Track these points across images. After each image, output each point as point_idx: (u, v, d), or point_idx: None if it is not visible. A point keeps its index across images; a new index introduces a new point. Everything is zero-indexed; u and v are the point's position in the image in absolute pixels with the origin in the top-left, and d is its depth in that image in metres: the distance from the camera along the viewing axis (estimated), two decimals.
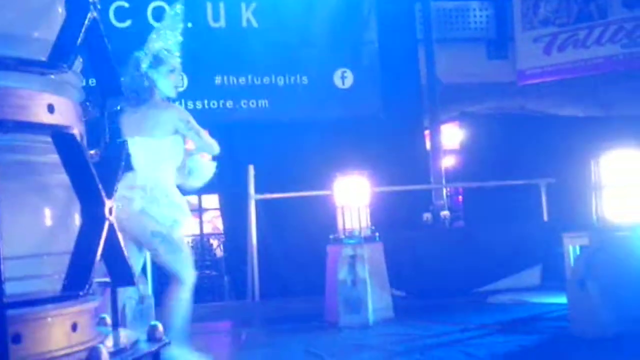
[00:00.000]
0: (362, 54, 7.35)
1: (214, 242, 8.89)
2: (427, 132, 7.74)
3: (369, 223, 5.34)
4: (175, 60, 3.41)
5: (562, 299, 4.33)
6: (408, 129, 7.32)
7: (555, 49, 8.00)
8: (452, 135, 8.70)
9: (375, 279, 5.08)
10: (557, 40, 8.01)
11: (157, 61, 3.33)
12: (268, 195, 6.32)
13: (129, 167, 3.10)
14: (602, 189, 4.22)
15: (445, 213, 6.79)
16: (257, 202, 6.34)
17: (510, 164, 7.22)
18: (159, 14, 6.83)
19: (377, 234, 5.28)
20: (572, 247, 4.63)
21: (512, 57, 8.37)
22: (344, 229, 5.32)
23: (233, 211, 6.89)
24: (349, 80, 7.23)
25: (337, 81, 7.22)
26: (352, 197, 5.37)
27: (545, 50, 8.07)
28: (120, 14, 6.73)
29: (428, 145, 7.69)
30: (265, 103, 7.03)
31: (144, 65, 3.32)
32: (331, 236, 5.29)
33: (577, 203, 4.61)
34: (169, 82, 3.40)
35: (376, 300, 5.00)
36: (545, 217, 6.33)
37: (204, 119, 6.93)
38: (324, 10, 7.30)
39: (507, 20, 8.44)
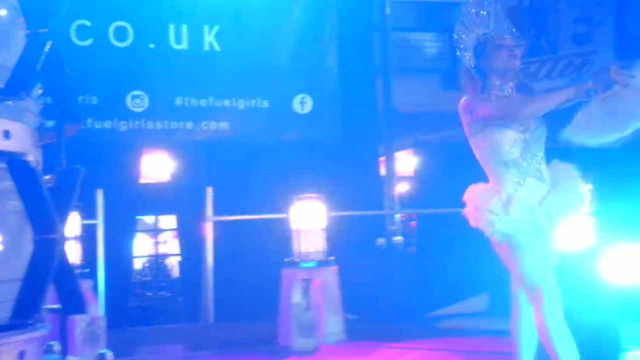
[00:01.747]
0: (322, 80, 7.48)
1: (169, 263, 8.82)
2: (382, 158, 7.88)
3: (325, 247, 5.42)
4: None
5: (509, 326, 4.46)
6: (364, 155, 7.46)
7: None
8: (406, 163, 8.88)
9: (329, 302, 5.14)
10: None
11: None
12: (226, 217, 6.35)
13: None
14: None
15: (398, 238, 6.93)
16: (215, 223, 6.36)
17: (461, 191, 7.38)
18: (121, 34, 6.88)
19: (332, 257, 5.35)
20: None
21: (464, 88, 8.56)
22: (300, 252, 5.39)
23: (190, 232, 6.90)
24: (308, 105, 7.35)
25: (297, 106, 7.33)
26: (309, 220, 5.44)
27: None
28: (82, 32, 6.74)
29: (383, 171, 7.83)
30: (225, 125, 7.09)
31: None
32: (286, 259, 5.36)
33: None
34: None
35: (330, 324, 5.07)
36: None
37: (163, 139, 7.03)
38: (286, 36, 7.43)
39: None
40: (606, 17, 7.83)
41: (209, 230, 6.31)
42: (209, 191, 6.34)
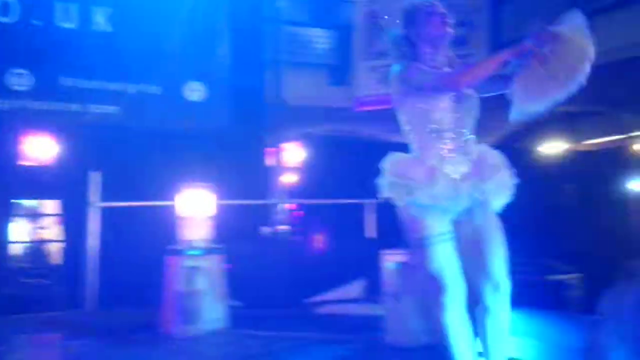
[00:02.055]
0: (214, 69, 7.54)
1: (51, 249, 8.56)
2: (271, 149, 8.09)
3: (211, 235, 5.55)
4: None
5: (381, 311, 4.75)
6: (253, 145, 7.61)
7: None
8: (294, 154, 9.13)
9: (213, 290, 5.28)
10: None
11: None
12: (111, 204, 6.31)
13: None
14: None
15: (283, 227, 7.17)
16: (102, 210, 6.30)
17: (344, 183, 7.77)
18: (4, 9, 6.60)
19: (218, 245, 5.48)
20: (389, 264, 5.14)
21: (351, 84, 8.94)
22: (186, 240, 5.49)
23: (75, 218, 6.77)
24: (200, 93, 7.39)
25: (188, 93, 7.36)
26: (196, 208, 5.55)
27: (380, 81, 8.68)
28: None
29: (271, 162, 8.05)
30: (114, 109, 7.00)
31: None
32: (172, 247, 5.44)
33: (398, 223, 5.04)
34: None
35: (212, 311, 5.20)
36: (371, 234, 6.87)
37: (47, 120, 6.83)
38: (179, 22, 7.41)
39: (348, 49, 9.02)
40: (482, 22, 8.37)
41: (93, 216, 6.24)
42: (94, 176, 6.26)
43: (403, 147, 2.91)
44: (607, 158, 7.37)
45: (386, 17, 8.68)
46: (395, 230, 5.50)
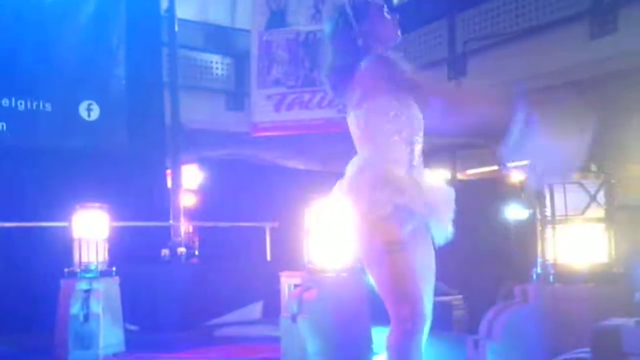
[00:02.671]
0: (110, 89, 7.46)
1: None
2: (169, 171, 8.09)
3: (107, 257, 5.47)
4: None
5: (278, 332, 4.85)
6: (151, 167, 7.57)
7: (284, 107, 8.95)
8: (192, 176, 9.17)
9: (109, 313, 5.21)
10: (285, 100, 8.97)
11: None
12: (2, 224, 6.06)
13: None
14: (312, 234, 4.77)
15: (181, 249, 7.17)
16: None
17: (243, 206, 7.92)
18: None
19: (113, 268, 5.42)
20: (287, 285, 5.31)
21: (247, 110, 9.16)
22: (80, 262, 5.38)
23: None
24: (95, 112, 7.28)
25: (83, 112, 7.22)
26: (90, 230, 5.46)
27: (275, 108, 8.96)
28: None
29: (169, 184, 8.04)
30: (2, 126, 6.75)
31: None
32: (66, 269, 5.32)
33: (295, 246, 5.11)
34: None
35: (108, 336, 5.12)
36: (269, 257, 7.06)
37: None
38: (72, 39, 7.29)
39: (245, 76, 9.25)
40: None
41: None
42: None
43: (298, 173, 2.94)
44: (485, 187, 8.01)
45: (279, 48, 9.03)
46: (290, 252, 5.74)
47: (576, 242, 3.76)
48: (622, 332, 2.12)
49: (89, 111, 7.25)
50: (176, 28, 8.35)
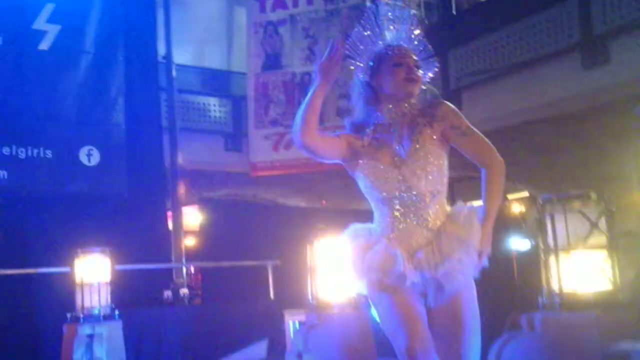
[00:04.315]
0: (110, 134, 7.52)
1: None
2: (169, 213, 8.12)
3: (109, 301, 5.45)
4: None
5: None
6: (151, 209, 7.59)
7: (282, 146, 9.06)
8: (192, 218, 9.19)
9: (112, 358, 5.17)
10: (283, 139, 9.07)
11: None
12: (4, 271, 6.04)
13: None
14: (315, 271, 4.79)
15: (184, 291, 7.14)
16: None
17: (244, 245, 7.92)
18: None
19: (116, 311, 5.40)
20: (292, 323, 5.28)
21: (246, 151, 9.25)
22: (83, 307, 5.36)
23: None
24: (95, 158, 7.32)
25: (83, 158, 7.26)
26: (92, 274, 5.45)
27: (273, 147, 9.07)
28: None
29: (170, 225, 8.06)
30: (4, 174, 6.79)
31: None
32: (69, 314, 5.29)
33: (299, 283, 5.13)
34: None
35: None
36: (272, 296, 7.03)
37: None
38: (71, 87, 7.39)
39: (242, 117, 9.38)
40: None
41: None
42: None
43: (299, 211, 2.95)
44: None
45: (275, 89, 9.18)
46: (294, 290, 5.72)
47: (580, 270, 3.79)
48: (632, 356, 2.12)
49: (89, 156, 7.29)
50: (174, 73, 8.48)
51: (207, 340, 6.15)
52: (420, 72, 2.43)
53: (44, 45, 7.19)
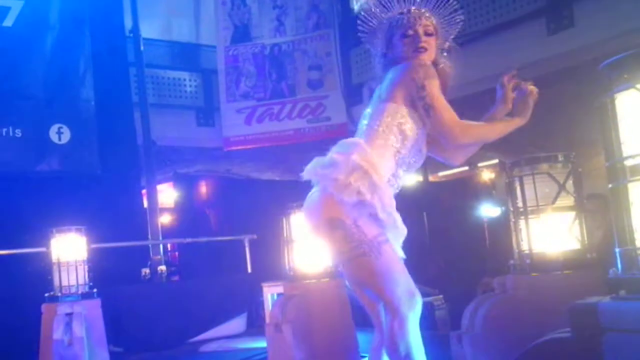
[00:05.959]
0: (80, 111, 7.43)
1: None
2: (144, 190, 8.08)
3: (87, 280, 5.45)
4: None
5: (264, 343, 4.87)
6: (126, 187, 7.56)
7: (254, 120, 9.04)
8: (167, 194, 9.16)
9: (92, 336, 5.18)
10: (256, 113, 9.05)
11: None
12: None
13: None
14: (291, 243, 4.83)
15: (162, 268, 7.14)
16: None
17: (220, 221, 7.95)
18: None
19: (95, 290, 5.40)
20: (270, 295, 5.34)
21: (218, 125, 9.19)
22: (61, 286, 5.35)
23: None
24: (66, 136, 7.24)
25: (53, 136, 7.18)
26: (69, 253, 5.43)
27: (246, 121, 9.04)
28: None
29: (145, 203, 8.03)
30: None
31: None
32: (47, 294, 5.28)
33: (275, 256, 5.17)
34: None
35: (93, 358, 5.09)
36: (249, 269, 7.08)
37: None
38: (38, 64, 7.27)
39: (214, 91, 9.30)
40: (334, 67, 9.04)
41: None
42: None
43: (273, 184, 2.94)
44: (457, 188, 8.16)
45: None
46: (270, 263, 5.77)
47: (549, 231, 3.87)
48: (599, 308, 2.21)
49: (60, 134, 7.21)
50: (142, 47, 8.36)
51: (186, 316, 6.19)
52: (432, 38, 2.50)
53: (8, 22, 7.05)
